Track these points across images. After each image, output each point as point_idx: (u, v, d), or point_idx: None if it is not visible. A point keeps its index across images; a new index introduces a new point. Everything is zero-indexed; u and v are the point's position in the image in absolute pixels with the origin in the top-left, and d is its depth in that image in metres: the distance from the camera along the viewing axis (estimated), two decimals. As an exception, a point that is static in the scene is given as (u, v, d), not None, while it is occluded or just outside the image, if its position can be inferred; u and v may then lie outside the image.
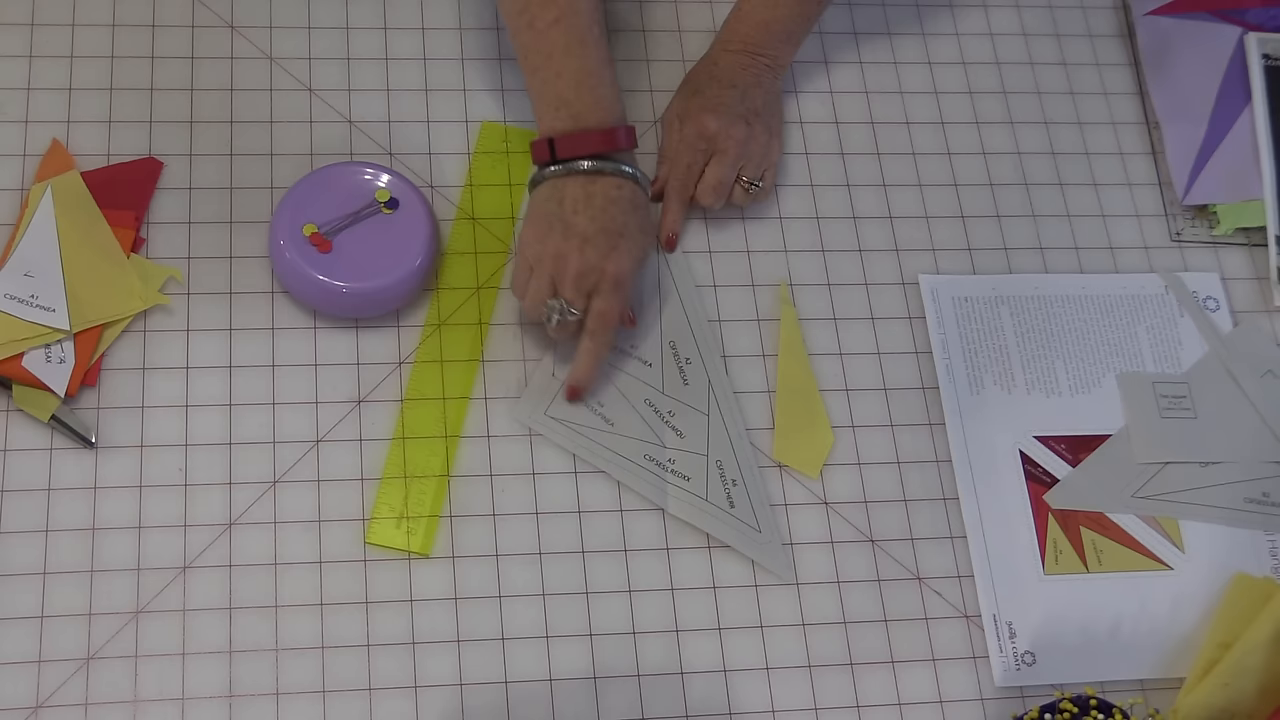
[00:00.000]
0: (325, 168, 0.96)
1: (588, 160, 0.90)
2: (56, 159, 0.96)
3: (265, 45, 1.03)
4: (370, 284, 0.92)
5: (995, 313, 1.02)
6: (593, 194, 0.91)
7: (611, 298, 0.91)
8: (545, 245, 0.91)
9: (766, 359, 0.99)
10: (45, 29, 1.01)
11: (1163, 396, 1.00)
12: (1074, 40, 1.14)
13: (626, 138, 0.92)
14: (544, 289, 0.91)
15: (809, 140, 1.07)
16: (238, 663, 0.85)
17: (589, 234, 0.90)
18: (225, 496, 0.89)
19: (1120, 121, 1.11)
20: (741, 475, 0.94)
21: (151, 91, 1.00)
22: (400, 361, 0.95)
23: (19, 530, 0.86)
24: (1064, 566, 0.94)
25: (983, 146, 1.09)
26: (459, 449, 0.93)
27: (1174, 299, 1.04)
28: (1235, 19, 1.13)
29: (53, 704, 0.83)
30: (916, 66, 1.11)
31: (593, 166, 0.91)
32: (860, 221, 1.04)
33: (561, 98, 0.91)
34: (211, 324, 0.94)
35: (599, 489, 0.93)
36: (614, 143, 0.91)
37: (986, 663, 0.92)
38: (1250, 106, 1.10)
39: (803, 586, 0.92)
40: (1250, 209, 1.07)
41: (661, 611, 0.90)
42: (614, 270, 0.90)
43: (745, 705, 0.89)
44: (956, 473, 0.96)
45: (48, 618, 0.85)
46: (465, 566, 0.90)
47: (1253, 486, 0.98)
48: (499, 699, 0.87)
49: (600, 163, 0.91)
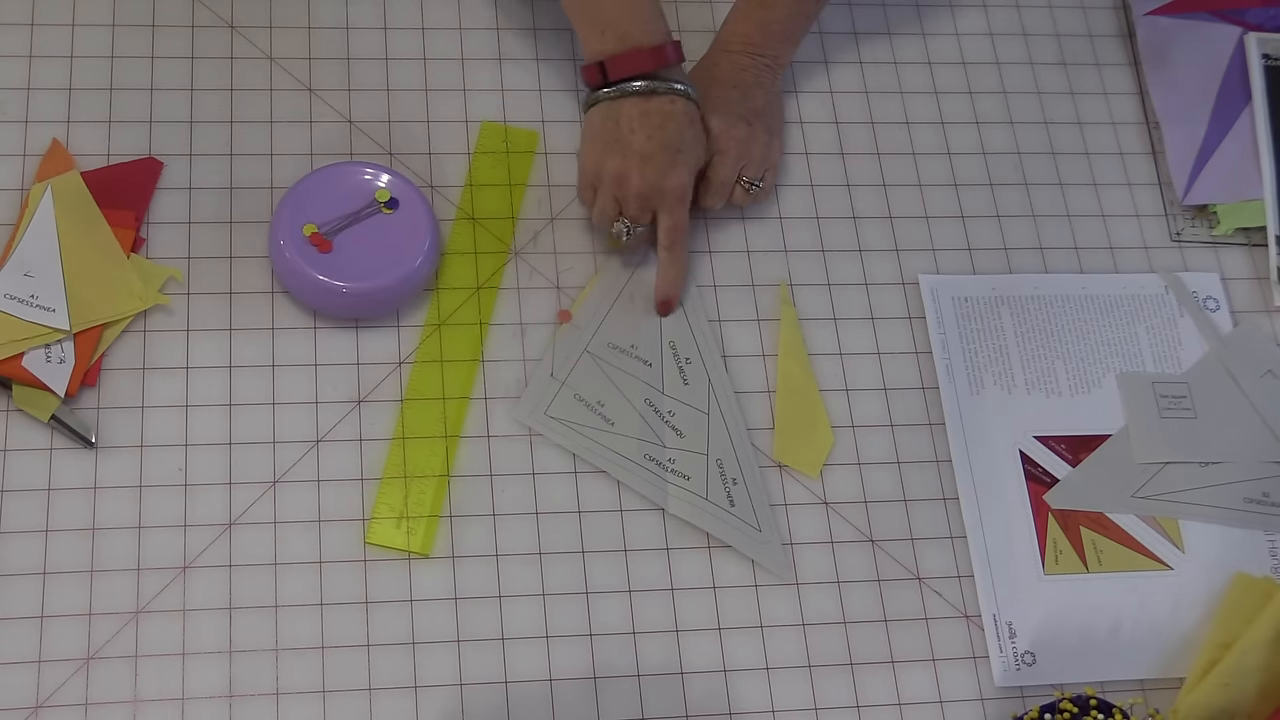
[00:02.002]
0: (325, 168, 0.96)
1: (640, 80, 0.92)
2: (56, 159, 0.96)
3: (265, 45, 1.03)
4: (370, 284, 0.92)
5: (995, 313, 1.02)
6: (648, 112, 0.93)
7: (677, 211, 0.95)
8: (605, 165, 0.94)
9: (766, 359, 0.99)
10: (45, 29, 1.01)
11: (1163, 396, 1.00)
12: (1074, 40, 1.14)
13: (675, 52, 0.94)
14: (609, 208, 0.96)
15: (809, 140, 1.07)
16: (238, 663, 0.85)
17: (648, 152, 0.93)
18: (225, 496, 0.89)
19: (1120, 121, 1.11)
20: (742, 474, 0.94)
21: (151, 91, 1.00)
22: (400, 361, 0.95)
23: (19, 530, 0.86)
24: (1064, 566, 0.94)
25: (983, 146, 1.09)
26: (459, 449, 0.93)
27: (1174, 299, 1.04)
28: (1235, 19, 1.13)
29: (53, 704, 0.83)
30: (916, 66, 1.11)
31: (645, 86, 0.93)
32: (860, 221, 1.04)
33: (607, 19, 0.92)
34: (211, 324, 0.94)
35: (599, 489, 0.93)
36: (663, 59, 0.93)
37: (986, 663, 0.92)
38: (1250, 106, 1.10)
39: (803, 586, 0.92)
40: (1250, 209, 1.07)
41: (661, 611, 0.90)
42: (675, 185, 0.94)
43: (745, 705, 0.89)
44: (956, 473, 0.96)
45: (48, 618, 0.85)
46: (465, 566, 0.90)
47: (1253, 486, 0.98)
48: (499, 699, 0.87)
49: (653, 82, 0.93)
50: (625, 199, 0.95)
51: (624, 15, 0.92)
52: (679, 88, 0.94)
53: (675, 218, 0.95)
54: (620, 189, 0.94)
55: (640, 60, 0.92)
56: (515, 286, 0.98)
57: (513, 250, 0.99)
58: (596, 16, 0.93)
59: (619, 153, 0.93)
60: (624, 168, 0.94)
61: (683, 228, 0.96)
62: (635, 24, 0.92)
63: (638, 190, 0.94)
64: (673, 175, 0.94)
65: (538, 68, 1.06)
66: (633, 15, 0.92)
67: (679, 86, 0.94)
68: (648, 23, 0.93)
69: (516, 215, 1.01)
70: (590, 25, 0.93)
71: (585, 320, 0.98)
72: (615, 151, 0.94)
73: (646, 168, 0.93)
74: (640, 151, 0.93)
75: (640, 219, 0.96)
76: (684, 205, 0.95)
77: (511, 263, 0.99)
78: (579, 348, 0.97)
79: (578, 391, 0.95)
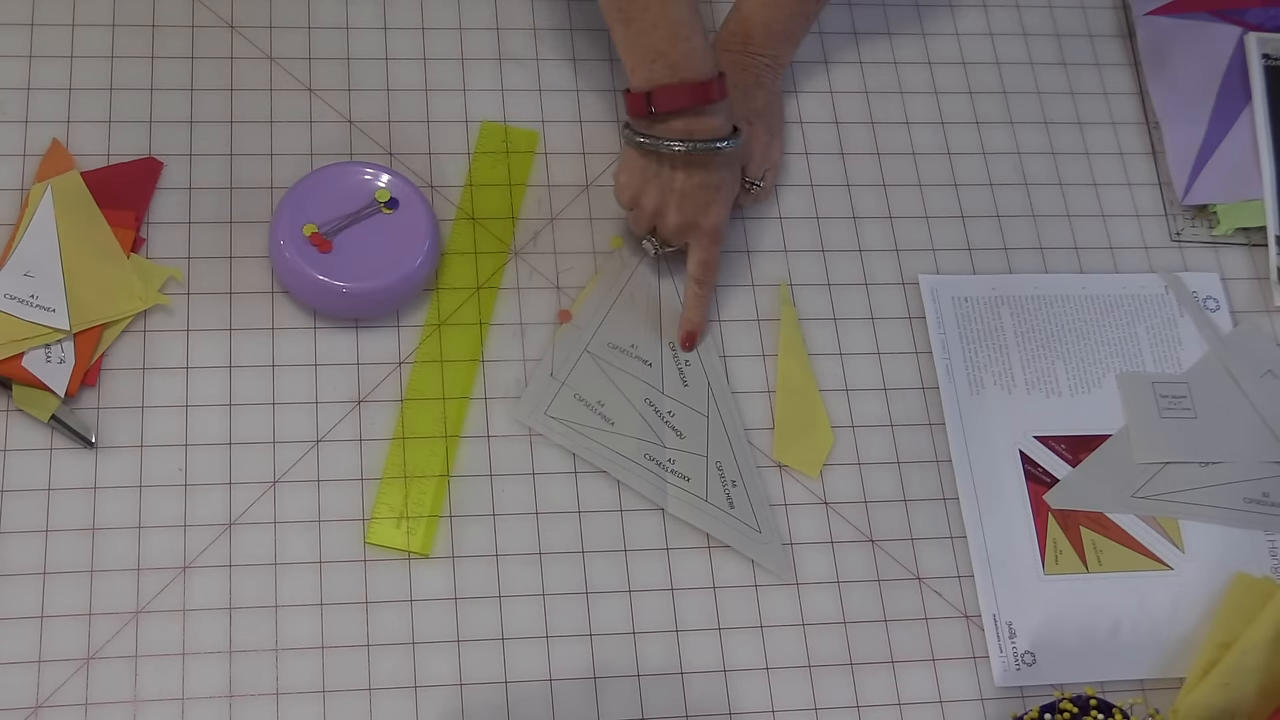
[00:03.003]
0: (325, 168, 0.96)
1: (681, 144, 0.91)
2: (56, 159, 0.96)
3: (265, 45, 1.03)
4: (370, 284, 0.92)
5: (995, 313, 1.02)
6: (691, 155, 0.93)
7: (712, 249, 0.96)
8: (644, 195, 0.95)
9: (766, 359, 0.99)
10: (45, 29, 1.01)
11: (1163, 396, 1.00)
12: (1074, 40, 1.14)
13: (719, 89, 0.93)
14: (643, 228, 0.97)
15: (809, 140, 1.07)
16: (238, 663, 0.85)
17: (686, 190, 0.93)
18: (225, 496, 0.89)
19: (1120, 121, 1.11)
20: (741, 476, 0.94)
21: (151, 91, 1.00)
22: (400, 361, 0.95)
23: (19, 530, 0.86)
24: (1064, 566, 0.94)
25: (983, 146, 1.09)
26: (459, 449, 0.93)
27: (1174, 299, 1.04)
28: (1235, 19, 1.13)
29: (53, 704, 0.83)
30: (916, 66, 1.11)
31: (687, 148, 0.92)
32: (860, 221, 1.04)
33: (657, 49, 0.91)
34: (211, 324, 0.94)
35: (599, 489, 0.93)
36: (708, 95, 0.92)
37: (986, 663, 0.92)
38: (1250, 106, 1.10)
39: (803, 586, 0.92)
40: (1250, 209, 1.07)
41: (661, 611, 0.90)
42: (711, 224, 0.95)
43: (745, 705, 0.89)
44: (956, 473, 0.96)
45: (48, 618, 0.85)
46: (465, 566, 0.90)
47: (1253, 486, 0.98)
48: (499, 699, 0.87)
49: (696, 144, 0.92)
50: (661, 228, 0.96)
51: (675, 47, 0.91)
52: (719, 146, 0.92)
53: (709, 254, 0.96)
54: (657, 220, 0.96)
55: (686, 94, 0.91)
56: (515, 286, 0.98)
57: (513, 250, 0.99)
58: (649, 46, 0.91)
59: (658, 189, 0.94)
60: (662, 204, 0.94)
61: (715, 264, 0.96)
62: (685, 56, 0.91)
63: (675, 225, 0.95)
64: (711, 214, 0.94)
65: (538, 68, 1.06)
66: (684, 47, 0.91)
67: (719, 145, 0.92)
68: (697, 56, 0.91)
69: (516, 215, 1.01)
70: (640, 54, 0.92)
71: (585, 320, 0.98)
72: (654, 186, 0.94)
73: (685, 204, 0.94)
74: (680, 190, 0.93)
75: (672, 243, 0.97)
76: (718, 243, 0.96)
77: (511, 263, 0.99)
78: (579, 348, 0.97)
79: (578, 391, 0.95)
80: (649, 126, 0.93)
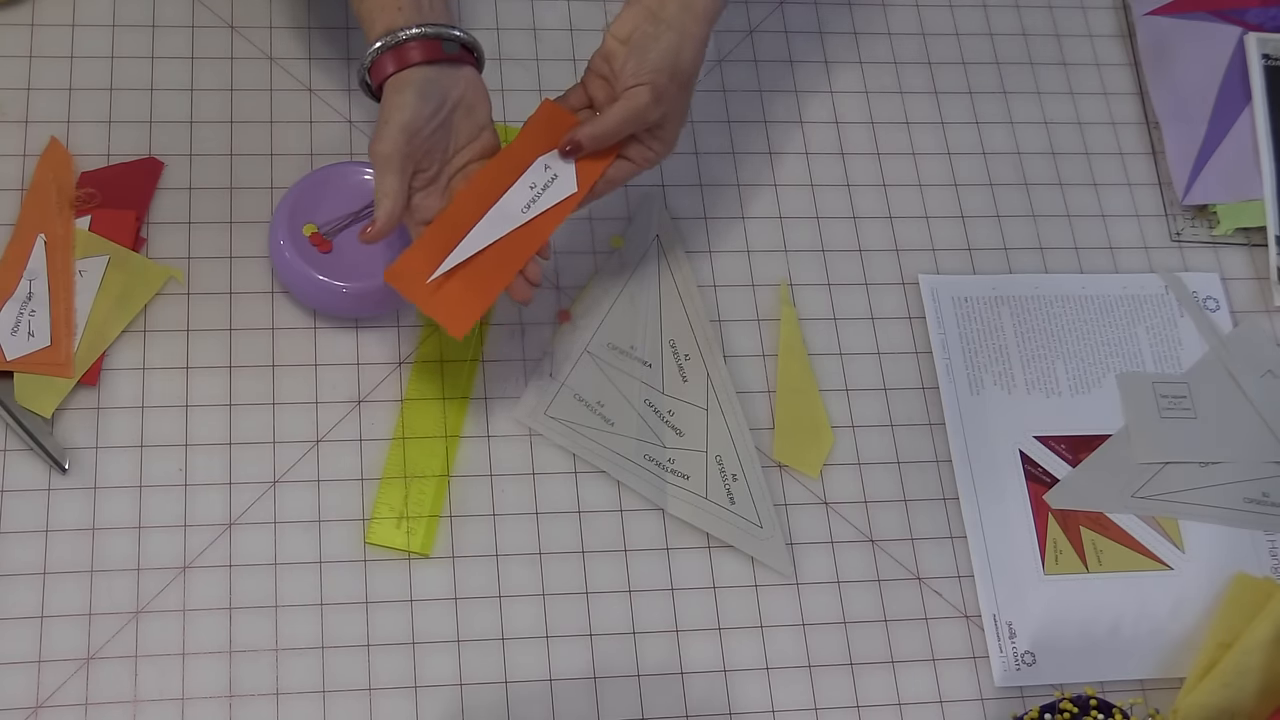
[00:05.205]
0: (325, 168, 0.96)
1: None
2: (55, 157, 0.96)
3: (265, 45, 1.03)
4: (370, 284, 0.92)
5: (995, 313, 1.02)
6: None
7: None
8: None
9: (766, 359, 0.99)
10: (45, 29, 1.01)
11: (1163, 397, 1.00)
12: (1074, 40, 1.14)
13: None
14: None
15: (809, 140, 1.07)
16: (238, 663, 0.85)
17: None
18: (225, 496, 0.89)
19: (1120, 121, 1.11)
20: (742, 469, 0.94)
21: (151, 91, 1.00)
22: (400, 361, 0.95)
23: (19, 530, 0.86)
24: (1064, 566, 0.94)
25: (983, 146, 1.09)
26: (459, 449, 0.93)
27: (1174, 299, 1.04)
28: (1235, 19, 1.13)
29: (53, 704, 0.83)
30: (916, 66, 1.11)
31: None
32: (860, 221, 1.04)
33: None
34: (211, 324, 0.94)
35: (599, 489, 0.93)
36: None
37: (986, 663, 0.92)
38: (1250, 106, 1.10)
39: (803, 586, 0.92)
40: (1250, 209, 1.07)
41: (661, 611, 0.90)
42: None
43: (745, 705, 0.89)
44: (956, 473, 0.96)
45: (48, 618, 0.85)
46: (465, 566, 0.90)
47: (1252, 486, 0.98)
48: (499, 699, 0.87)
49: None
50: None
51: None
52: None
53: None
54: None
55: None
56: (515, 286, 0.98)
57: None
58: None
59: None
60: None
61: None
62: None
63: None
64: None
65: (538, 68, 1.06)
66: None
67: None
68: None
69: (516, 215, 1.00)
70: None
71: (585, 320, 0.98)
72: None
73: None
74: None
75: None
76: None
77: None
78: (579, 348, 0.97)
79: (577, 392, 0.95)
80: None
